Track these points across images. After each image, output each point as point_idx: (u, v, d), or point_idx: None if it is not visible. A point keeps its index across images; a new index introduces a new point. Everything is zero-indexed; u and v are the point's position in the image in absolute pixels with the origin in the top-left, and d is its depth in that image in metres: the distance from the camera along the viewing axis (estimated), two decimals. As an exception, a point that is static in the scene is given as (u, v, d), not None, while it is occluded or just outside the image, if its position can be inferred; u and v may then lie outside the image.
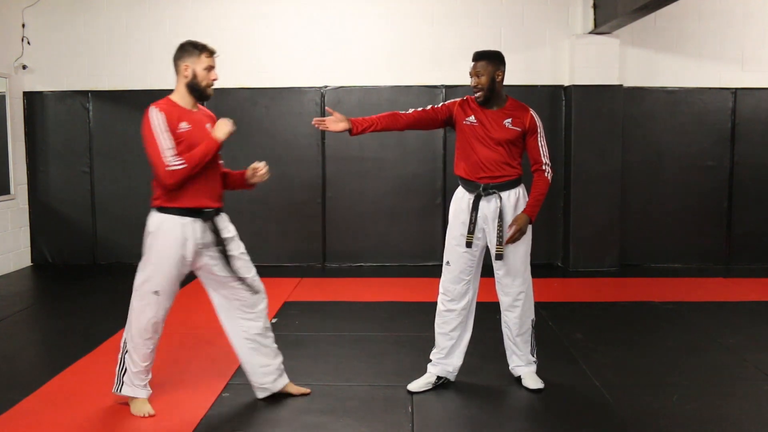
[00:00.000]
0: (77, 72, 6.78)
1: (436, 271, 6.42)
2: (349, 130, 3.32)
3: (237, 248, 3.20)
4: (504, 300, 3.52)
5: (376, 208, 6.77)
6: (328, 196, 6.77)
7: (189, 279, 6.44)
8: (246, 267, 3.22)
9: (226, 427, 3.07)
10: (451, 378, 3.57)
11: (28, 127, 6.82)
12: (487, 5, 6.63)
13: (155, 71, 6.63)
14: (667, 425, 3.09)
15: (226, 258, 3.13)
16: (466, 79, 6.59)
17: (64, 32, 6.75)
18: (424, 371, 3.60)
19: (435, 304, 3.59)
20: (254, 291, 3.23)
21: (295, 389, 3.41)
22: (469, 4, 6.63)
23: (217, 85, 3.18)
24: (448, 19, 6.64)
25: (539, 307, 5.08)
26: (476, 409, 3.29)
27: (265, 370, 3.31)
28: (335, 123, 3.29)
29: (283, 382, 3.38)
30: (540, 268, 6.60)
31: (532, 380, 3.52)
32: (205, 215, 3.08)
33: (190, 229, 3.04)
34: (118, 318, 4.74)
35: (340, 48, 6.67)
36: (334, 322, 4.78)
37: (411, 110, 3.45)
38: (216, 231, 3.10)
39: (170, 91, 3.06)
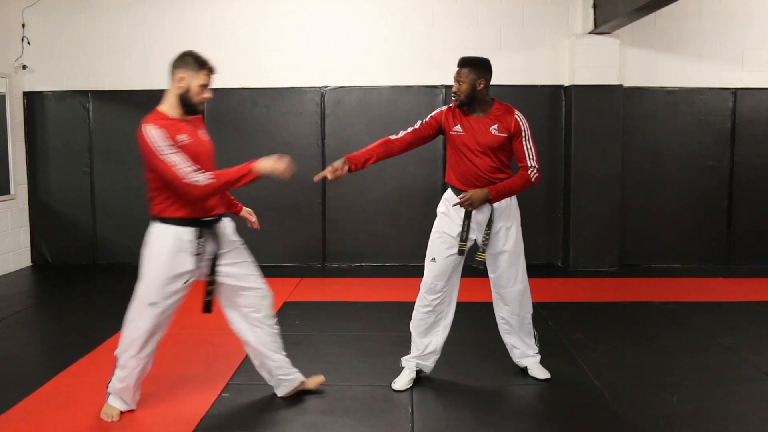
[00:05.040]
0: (77, 72, 6.78)
1: (436, 271, 6.45)
2: (349, 168, 3.31)
3: (237, 257, 3.15)
4: (503, 298, 3.55)
5: (376, 208, 6.77)
6: (328, 196, 6.77)
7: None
8: (245, 275, 3.15)
9: (226, 427, 3.08)
10: (428, 370, 3.62)
11: (28, 127, 6.82)
12: (487, 5, 6.63)
13: (155, 71, 6.62)
14: (667, 425, 3.09)
15: (214, 266, 3.07)
16: (465, 79, 6.65)
17: (64, 32, 6.75)
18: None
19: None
20: (260, 297, 3.20)
21: (311, 383, 3.45)
22: (469, 4, 6.63)
23: (217, 85, 3.17)
24: (448, 19, 6.64)
25: (539, 307, 5.12)
26: (476, 409, 3.29)
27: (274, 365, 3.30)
28: (333, 171, 3.26)
29: (298, 378, 3.38)
30: (540, 268, 6.61)
31: (539, 370, 3.62)
32: (204, 225, 3.01)
33: (187, 239, 2.97)
34: (118, 318, 4.73)
35: (339, 48, 6.67)
36: (334, 322, 4.78)
37: (402, 133, 3.48)
38: (216, 239, 3.05)
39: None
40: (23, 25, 6.69)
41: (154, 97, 6.59)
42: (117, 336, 4.33)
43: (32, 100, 6.81)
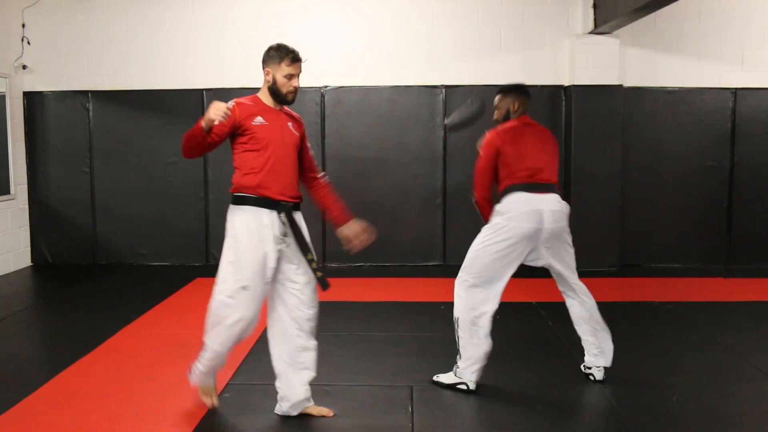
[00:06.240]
0: (77, 72, 6.78)
1: (436, 271, 6.46)
2: None
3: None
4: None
5: (377, 208, 6.76)
6: (328, 196, 6.77)
7: (188, 278, 6.41)
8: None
9: (226, 427, 3.07)
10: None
11: (28, 127, 6.82)
12: (487, 5, 6.63)
13: (155, 71, 6.63)
14: (667, 425, 3.09)
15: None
16: (465, 80, 6.70)
17: (64, 32, 6.75)
18: (423, 371, 3.64)
19: (435, 304, 3.59)
20: (303, 301, 3.25)
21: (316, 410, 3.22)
22: (469, 4, 6.63)
23: (217, 85, 3.16)
24: (448, 19, 6.64)
25: (539, 307, 5.12)
26: (476, 409, 3.29)
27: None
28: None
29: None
30: (540, 268, 6.60)
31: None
32: (281, 208, 3.11)
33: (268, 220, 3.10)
34: (118, 318, 4.76)
35: (339, 48, 6.66)
36: (334, 322, 4.77)
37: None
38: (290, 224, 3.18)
39: (169, 91, 3.05)
40: (23, 25, 6.69)
41: (154, 97, 6.68)
42: (117, 336, 4.36)
43: (32, 100, 6.81)
